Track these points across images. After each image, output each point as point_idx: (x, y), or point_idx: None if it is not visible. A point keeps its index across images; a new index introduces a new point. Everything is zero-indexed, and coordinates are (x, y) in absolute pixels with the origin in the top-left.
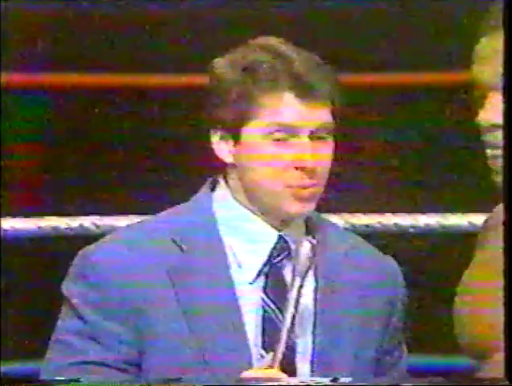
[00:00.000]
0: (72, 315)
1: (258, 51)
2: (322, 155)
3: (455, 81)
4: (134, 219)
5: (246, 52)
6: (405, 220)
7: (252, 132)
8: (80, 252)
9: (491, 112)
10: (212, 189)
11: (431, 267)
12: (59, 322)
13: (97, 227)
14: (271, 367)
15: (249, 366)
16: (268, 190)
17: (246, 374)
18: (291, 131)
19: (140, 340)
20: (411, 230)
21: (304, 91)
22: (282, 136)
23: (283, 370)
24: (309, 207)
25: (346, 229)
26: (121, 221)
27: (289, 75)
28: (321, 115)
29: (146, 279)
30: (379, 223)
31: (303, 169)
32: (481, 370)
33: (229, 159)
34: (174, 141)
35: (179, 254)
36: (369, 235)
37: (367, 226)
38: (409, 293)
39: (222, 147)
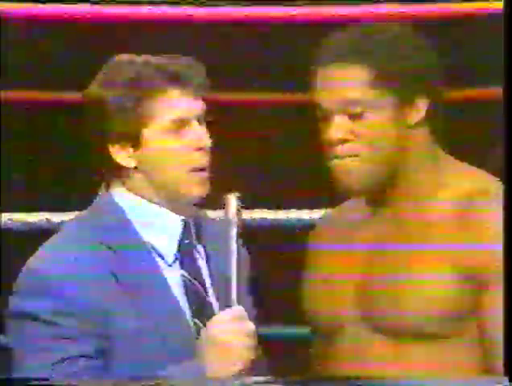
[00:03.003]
0: (42, 325)
1: (131, 66)
2: (208, 136)
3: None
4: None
5: (121, 69)
6: (270, 215)
7: (151, 134)
8: (28, 269)
9: (337, 129)
10: (108, 190)
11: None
12: (30, 336)
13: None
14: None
15: (190, 335)
16: (175, 178)
17: (217, 320)
18: (183, 123)
19: (105, 332)
20: (275, 223)
21: (185, 85)
22: (178, 128)
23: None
24: (207, 190)
25: None
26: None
27: (169, 76)
28: (201, 103)
29: (96, 282)
30: (250, 217)
31: (202, 149)
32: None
33: (130, 164)
34: None
35: (112, 255)
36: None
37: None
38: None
39: (122, 155)
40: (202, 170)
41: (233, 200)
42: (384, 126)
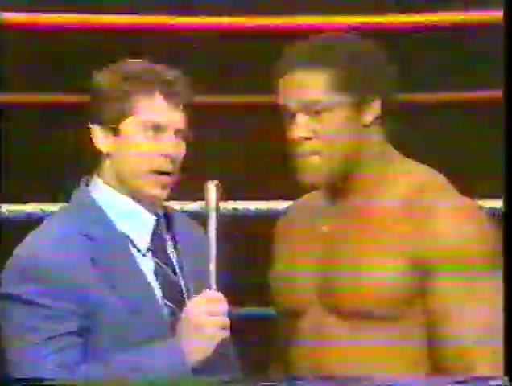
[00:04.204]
0: (30, 307)
1: (134, 65)
2: (182, 150)
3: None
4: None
5: (125, 66)
6: (241, 205)
7: (129, 126)
8: (15, 256)
9: (300, 128)
10: (87, 185)
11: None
12: (19, 318)
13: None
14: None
15: (162, 315)
16: (135, 174)
17: (194, 304)
18: (160, 128)
19: (87, 312)
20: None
21: (172, 95)
22: (153, 130)
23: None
24: (166, 193)
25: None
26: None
27: (161, 82)
28: (182, 118)
29: (78, 267)
30: (224, 208)
31: (166, 156)
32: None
33: (106, 149)
34: None
35: (91, 244)
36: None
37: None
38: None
39: (102, 139)
40: (163, 173)
41: (212, 188)
42: (342, 125)
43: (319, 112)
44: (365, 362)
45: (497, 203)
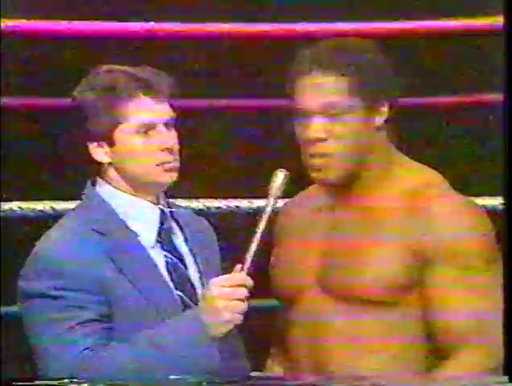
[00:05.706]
0: (53, 300)
1: (111, 74)
2: (175, 138)
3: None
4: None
5: (102, 77)
6: (243, 204)
7: (123, 133)
8: (34, 254)
9: (317, 129)
10: (93, 186)
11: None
12: (44, 311)
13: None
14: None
15: (175, 305)
16: (144, 171)
17: (218, 282)
18: (150, 125)
19: (106, 300)
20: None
21: (155, 92)
22: (145, 130)
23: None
24: (174, 177)
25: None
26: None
27: (141, 83)
28: (169, 110)
29: (93, 260)
30: (225, 205)
31: (165, 149)
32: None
33: (106, 160)
34: None
35: (103, 239)
36: (216, 215)
37: (217, 208)
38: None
39: (99, 152)
40: (167, 163)
41: (279, 176)
42: (357, 127)
43: (335, 115)
44: (363, 345)
45: (496, 202)
